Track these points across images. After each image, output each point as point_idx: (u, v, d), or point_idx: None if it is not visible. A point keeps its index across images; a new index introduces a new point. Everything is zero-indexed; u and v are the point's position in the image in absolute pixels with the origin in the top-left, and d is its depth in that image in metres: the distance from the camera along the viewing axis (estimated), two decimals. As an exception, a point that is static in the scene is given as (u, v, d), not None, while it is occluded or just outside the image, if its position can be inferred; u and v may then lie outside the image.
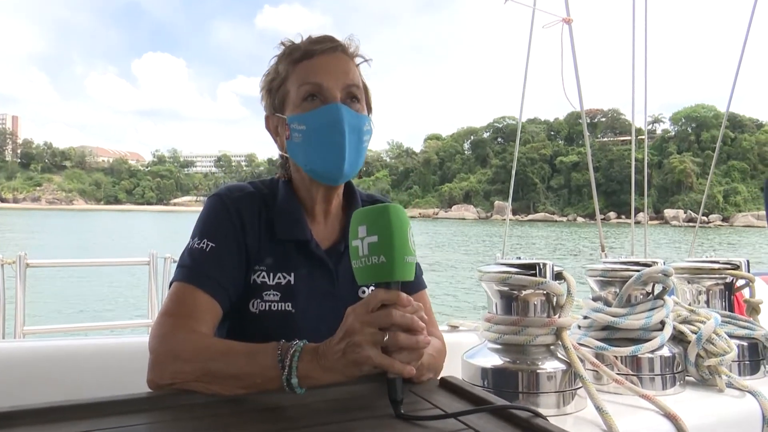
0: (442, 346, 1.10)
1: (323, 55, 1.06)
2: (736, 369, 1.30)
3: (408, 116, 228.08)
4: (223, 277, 1.00)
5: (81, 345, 1.32)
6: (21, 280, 3.20)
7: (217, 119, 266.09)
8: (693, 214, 75.46)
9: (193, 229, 1.06)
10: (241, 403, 0.84)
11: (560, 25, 3.48)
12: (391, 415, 0.78)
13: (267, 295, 1.04)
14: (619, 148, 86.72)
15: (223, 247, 1.02)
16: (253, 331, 1.02)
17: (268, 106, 1.13)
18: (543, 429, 0.72)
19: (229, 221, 1.05)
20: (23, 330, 3.17)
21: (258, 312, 1.04)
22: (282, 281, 1.05)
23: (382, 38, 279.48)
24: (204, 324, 0.96)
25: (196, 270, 1.00)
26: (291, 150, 1.09)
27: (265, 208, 1.09)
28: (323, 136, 1.03)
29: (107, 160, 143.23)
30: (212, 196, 1.09)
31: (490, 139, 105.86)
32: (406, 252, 0.78)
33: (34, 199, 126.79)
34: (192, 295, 0.97)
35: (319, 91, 1.04)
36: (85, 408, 0.77)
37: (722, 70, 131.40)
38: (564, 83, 3.23)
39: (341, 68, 1.06)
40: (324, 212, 1.13)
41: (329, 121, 1.03)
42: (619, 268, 1.25)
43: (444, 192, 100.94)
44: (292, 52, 1.08)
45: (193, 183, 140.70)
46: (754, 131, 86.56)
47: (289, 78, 1.07)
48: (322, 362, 0.82)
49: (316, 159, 1.05)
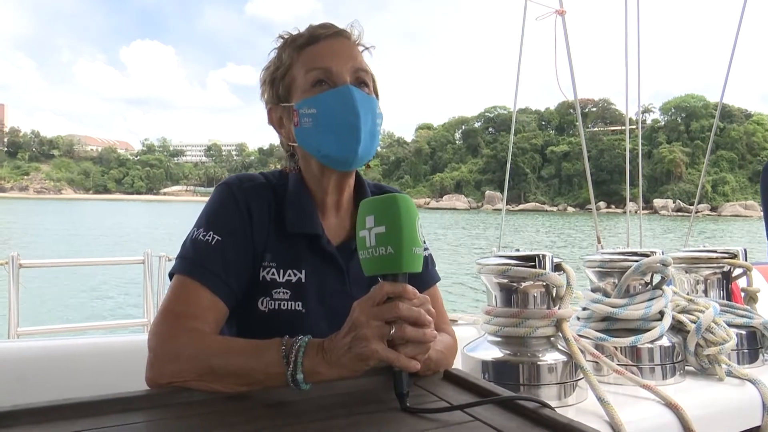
0: (452, 342, 1.06)
1: (329, 40, 1.03)
2: (735, 357, 1.31)
3: (399, 105, 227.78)
4: (227, 273, 0.95)
5: (76, 345, 1.30)
6: (14, 281, 3.19)
7: (206, 107, 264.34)
8: (682, 204, 76.02)
9: (198, 218, 1.01)
10: (244, 399, 0.83)
11: (553, 16, 3.48)
12: (396, 409, 0.77)
13: (276, 293, 1.00)
14: (609, 137, 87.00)
15: (230, 241, 0.97)
16: (261, 330, 0.96)
17: (271, 97, 1.08)
18: (550, 419, 0.72)
19: (237, 213, 1.00)
20: (17, 331, 3.15)
21: (267, 311, 0.99)
22: (293, 278, 1.01)
23: (373, 24, 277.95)
24: (206, 323, 0.92)
25: (199, 264, 0.95)
26: (300, 137, 1.03)
27: (275, 200, 1.04)
28: (336, 118, 0.99)
29: (96, 149, 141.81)
30: (221, 185, 1.04)
31: (481, 129, 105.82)
32: (414, 243, 0.76)
33: (22, 188, 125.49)
34: (195, 292, 0.93)
35: (328, 76, 1.00)
36: (83, 406, 0.76)
37: (711, 59, 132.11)
38: (558, 74, 3.23)
39: (348, 52, 1.03)
40: (335, 205, 1.08)
41: (342, 102, 0.98)
42: (618, 259, 1.25)
43: (435, 182, 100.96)
44: (296, 39, 1.05)
45: (183, 172, 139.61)
46: (743, 121, 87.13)
47: (295, 65, 1.03)
48: (327, 357, 0.80)
49: (329, 143, 1.00)
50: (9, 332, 3.12)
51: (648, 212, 74.47)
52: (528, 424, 0.72)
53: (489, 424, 0.72)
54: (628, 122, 4.16)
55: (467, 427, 0.71)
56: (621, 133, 76.82)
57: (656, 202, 79.48)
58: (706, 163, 4.49)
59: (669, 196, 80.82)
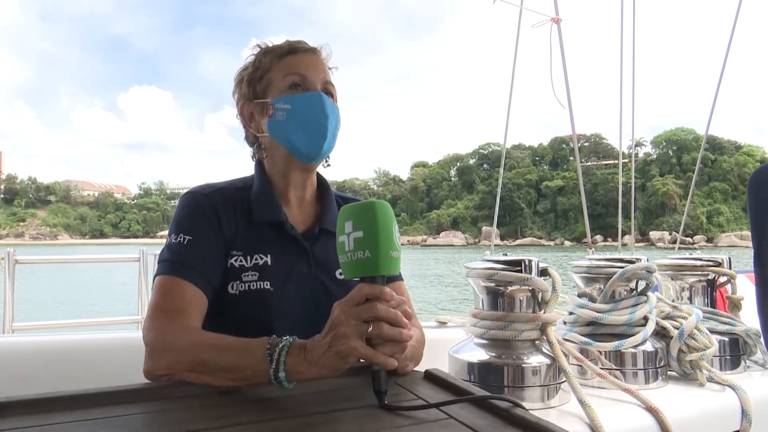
0: (421, 336, 1.12)
1: (305, 54, 1.18)
2: (718, 364, 1.32)
3: (394, 144, 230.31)
4: (203, 266, 1.04)
5: (71, 341, 1.32)
6: (10, 277, 3.22)
7: (204, 150, 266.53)
8: (678, 236, 76.12)
9: (170, 227, 1.10)
10: (231, 394, 0.85)
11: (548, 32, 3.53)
12: (375, 406, 0.79)
13: (245, 276, 1.07)
14: (603, 171, 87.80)
15: (200, 237, 1.07)
16: (232, 312, 1.06)
17: (245, 95, 1.20)
18: (522, 418, 0.73)
19: (203, 214, 1.09)
20: (12, 327, 3.16)
21: (238, 293, 1.07)
22: (259, 262, 1.09)
23: (367, 66, 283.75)
24: (193, 317, 1.00)
25: (177, 262, 1.03)
26: (273, 128, 1.15)
27: (240, 198, 1.14)
28: (308, 116, 1.12)
29: (93, 193, 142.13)
30: (185, 194, 1.15)
31: (476, 166, 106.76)
32: (391, 247, 0.79)
33: (18, 234, 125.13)
34: (178, 287, 1.01)
35: (303, 82, 1.15)
36: (77, 399, 0.78)
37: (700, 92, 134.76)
38: (553, 83, 3.28)
39: (320, 66, 1.18)
40: (298, 199, 1.19)
41: (314, 104, 1.13)
42: (604, 265, 1.27)
43: (432, 219, 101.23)
44: (277, 49, 1.19)
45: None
46: (733, 153, 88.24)
47: (273, 69, 1.16)
48: (309, 356, 0.83)
49: (299, 136, 1.12)
50: (4, 328, 3.13)
51: (645, 244, 74.66)
52: (500, 422, 0.74)
53: (462, 422, 0.73)
54: (621, 155, 4.21)
55: (442, 425, 0.73)
56: (614, 167, 77.55)
57: (652, 234, 79.76)
58: (691, 194, 4.54)
59: (665, 228, 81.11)
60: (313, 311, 1.07)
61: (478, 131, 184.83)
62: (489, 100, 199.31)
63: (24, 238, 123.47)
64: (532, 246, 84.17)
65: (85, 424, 0.71)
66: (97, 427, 0.70)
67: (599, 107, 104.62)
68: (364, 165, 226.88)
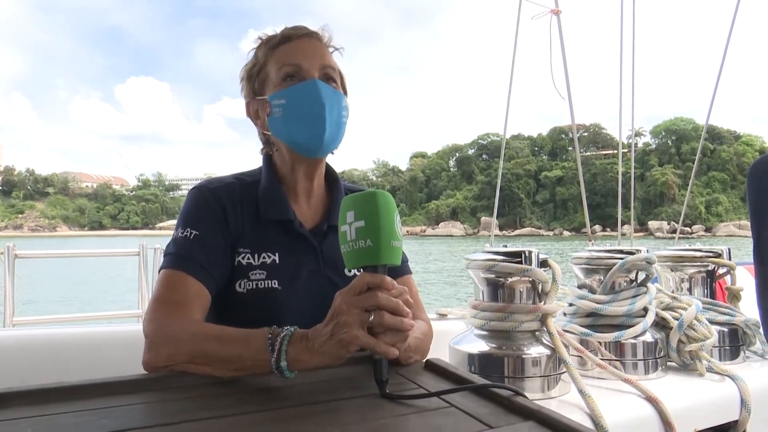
0: (428, 329, 1.11)
1: (300, 40, 1.12)
2: (717, 354, 1.33)
3: (393, 134, 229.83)
4: (208, 261, 1.03)
5: (72, 334, 1.32)
6: (10, 271, 3.22)
7: (202, 142, 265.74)
8: (676, 225, 76.27)
9: (177, 222, 1.09)
10: (231, 385, 0.85)
11: (548, 23, 3.51)
12: (376, 395, 0.79)
13: (253, 275, 1.06)
14: (602, 161, 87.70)
15: (207, 233, 1.05)
16: (240, 311, 1.04)
17: (248, 92, 1.17)
18: (523, 406, 0.74)
19: (209, 209, 1.08)
20: (13, 321, 3.17)
21: (245, 291, 1.05)
22: (267, 260, 1.07)
23: (366, 57, 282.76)
24: (195, 310, 0.99)
25: (182, 256, 1.02)
26: (272, 126, 1.12)
27: (248, 195, 1.12)
28: (303, 108, 1.08)
29: (91, 185, 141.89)
30: (192, 189, 1.13)
31: (475, 156, 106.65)
32: (393, 236, 0.79)
33: (16, 226, 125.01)
34: (182, 281, 1.00)
35: (297, 72, 1.10)
36: (76, 389, 0.78)
37: (700, 81, 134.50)
38: (552, 74, 3.27)
39: (317, 51, 1.12)
40: (306, 192, 1.17)
41: (308, 94, 1.08)
42: (604, 256, 1.27)
43: (431, 209, 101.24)
44: (270, 39, 1.15)
45: (178, 206, 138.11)
46: (732, 142, 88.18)
47: (269, 62, 1.13)
48: (310, 345, 0.83)
49: (297, 130, 1.09)
50: (5, 321, 3.14)
51: (644, 234, 74.74)
52: (500, 410, 0.74)
53: (463, 410, 0.74)
54: (621, 145, 4.20)
55: (443, 413, 0.73)
56: (613, 157, 77.49)
57: (651, 224, 79.84)
58: (691, 184, 4.52)
59: (663, 218, 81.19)
60: (322, 309, 1.05)
61: (477, 121, 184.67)
62: (488, 90, 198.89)
63: (23, 230, 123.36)
64: (531, 236, 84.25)
65: (84, 415, 0.71)
66: (97, 417, 0.70)
67: (598, 97, 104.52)
68: (363, 155, 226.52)
